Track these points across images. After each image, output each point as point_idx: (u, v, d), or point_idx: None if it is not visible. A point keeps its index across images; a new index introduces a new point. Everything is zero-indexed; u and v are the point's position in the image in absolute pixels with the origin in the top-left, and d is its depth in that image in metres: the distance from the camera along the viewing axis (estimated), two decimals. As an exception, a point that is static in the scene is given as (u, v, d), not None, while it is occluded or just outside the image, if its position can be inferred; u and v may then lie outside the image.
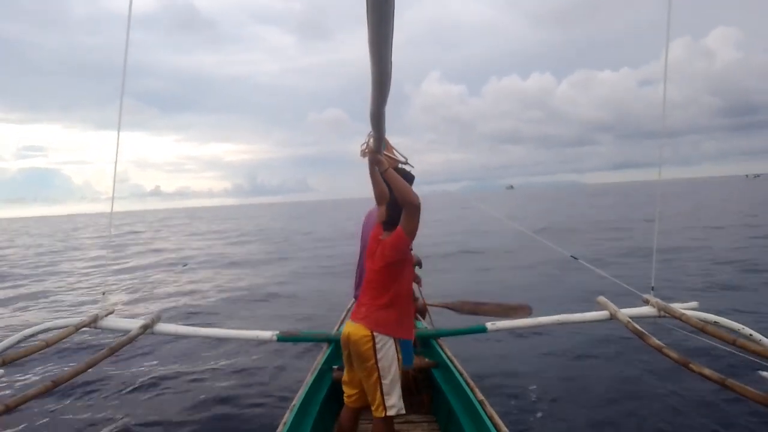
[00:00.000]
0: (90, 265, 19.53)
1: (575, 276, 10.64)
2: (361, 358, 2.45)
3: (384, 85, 1.48)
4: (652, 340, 2.53)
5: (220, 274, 15.58)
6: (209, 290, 12.49)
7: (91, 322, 3.01)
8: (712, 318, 2.69)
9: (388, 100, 1.70)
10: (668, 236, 16.71)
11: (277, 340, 3.39)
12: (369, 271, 2.59)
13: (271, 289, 12.28)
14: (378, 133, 2.17)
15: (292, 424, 2.88)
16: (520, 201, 61.30)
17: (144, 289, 12.79)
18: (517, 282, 11.75)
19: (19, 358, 2.42)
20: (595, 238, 18.87)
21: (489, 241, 20.38)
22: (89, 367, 2.50)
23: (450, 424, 3.29)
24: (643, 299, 3.12)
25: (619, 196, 66.08)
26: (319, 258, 17.91)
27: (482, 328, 3.55)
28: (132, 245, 29.32)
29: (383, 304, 2.47)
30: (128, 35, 2.71)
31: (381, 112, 1.83)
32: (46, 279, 16.21)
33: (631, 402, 4.83)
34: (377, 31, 1.14)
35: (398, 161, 2.93)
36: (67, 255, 25.69)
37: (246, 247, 25.33)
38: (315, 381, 3.50)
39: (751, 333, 2.43)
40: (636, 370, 5.55)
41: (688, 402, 4.70)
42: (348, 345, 2.51)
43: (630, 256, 13.59)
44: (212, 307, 10.46)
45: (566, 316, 3.37)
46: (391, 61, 1.35)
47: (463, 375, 3.47)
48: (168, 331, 3.35)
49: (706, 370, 2.12)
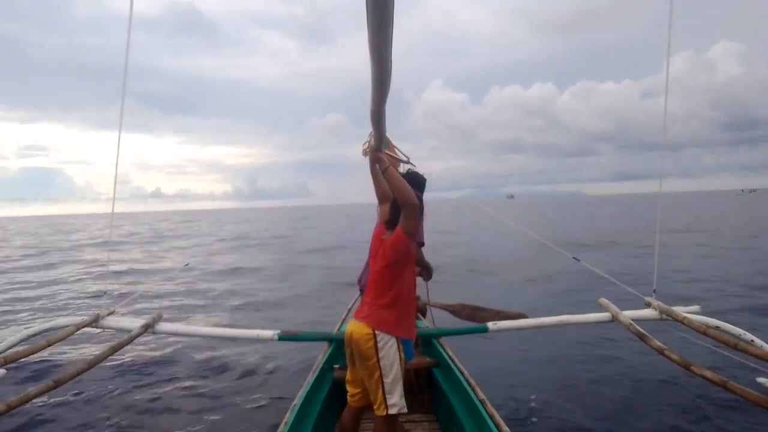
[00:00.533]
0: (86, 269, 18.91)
1: (575, 277, 10.66)
2: (363, 356, 2.46)
3: (384, 84, 1.48)
4: (653, 342, 2.53)
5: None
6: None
7: (92, 321, 3.01)
8: (714, 322, 2.69)
9: (387, 99, 1.70)
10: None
11: (278, 339, 3.39)
12: (372, 270, 2.61)
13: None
14: (378, 132, 2.18)
15: (294, 423, 2.88)
16: (536, 211, 55.06)
17: (143, 290, 12.79)
18: (519, 282, 11.76)
19: (20, 358, 2.42)
20: (643, 251, 16.20)
21: (494, 248, 20.17)
22: (90, 367, 2.50)
23: (450, 423, 3.30)
24: (645, 302, 3.11)
25: (627, 207, 63.16)
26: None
27: (483, 328, 3.55)
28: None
29: (385, 303, 2.49)
30: (129, 37, 2.71)
31: (381, 111, 1.84)
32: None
33: (632, 403, 4.83)
34: (377, 30, 1.14)
35: (400, 161, 2.93)
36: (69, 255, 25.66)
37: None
38: (316, 380, 3.51)
39: (753, 339, 2.43)
40: (637, 371, 5.55)
41: (689, 404, 4.70)
42: (351, 343, 2.53)
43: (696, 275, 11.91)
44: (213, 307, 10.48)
45: (568, 317, 3.37)
46: (391, 60, 1.35)
47: (464, 374, 3.47)
48: (169, 331, 3.35)
49: (708, 372, 2.11)
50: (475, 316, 3.94)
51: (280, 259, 19.81)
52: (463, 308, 4.02)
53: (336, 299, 9.48)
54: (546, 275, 12.38)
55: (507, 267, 14.86)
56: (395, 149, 2.93)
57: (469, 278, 13.18)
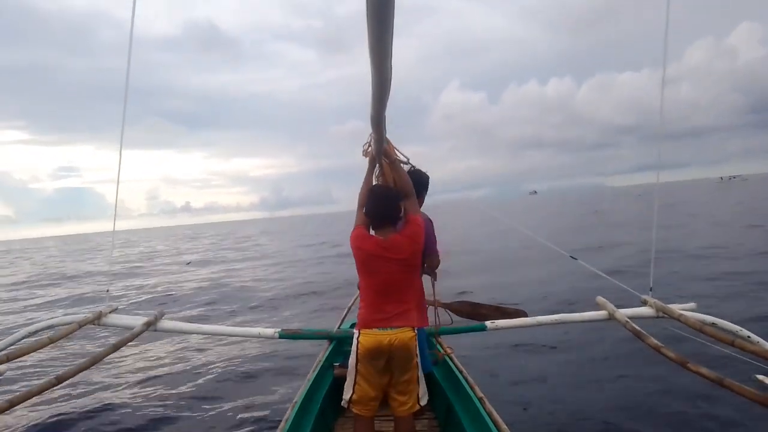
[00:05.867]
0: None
1: (576, 277, 10.65)
2: (407, 359, 2.43)
3: (384, 89, 1.51)
4: (650, 340, 2.54)
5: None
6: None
7: (95, 319, 3.03)
8: (711, 319, 2.70)
9: (387, 103, 1.72)
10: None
11: (279, 337, 3.41)
12: (387, 272, 2.44)
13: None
14: (378, 134, 2.22)
15: (294, 420, 2.91)
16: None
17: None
18: (520, 282, 11.76)
19: (22, 355, 2.44)
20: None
21: (499, 247, 19.92)
22: (93, 364, 2.52)
23: (449, 420, 3.32)
24: (642, 300, 3.13)
25: (675, 197, 58.03)
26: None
27: (482, 327, 3.57)
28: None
29: (411, 299, 2.51)
30: (130, 55, 2.73)
31: (381, 115, 1.87)
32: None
33: (628, 401, 4.85)
34: (377, 38, 1.16)
35: (400, 161, 2.96)
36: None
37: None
38: (316, 378, 3.53)
39: (749, 335, 2.44)
40: (634, 369, 5.57)
41: (685, 401, 4.72)
42: (389, 352, 2.39)
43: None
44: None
45: (565, 316, 3.38)
46: (391, 67, 1.37)
47: (463, 372, 3.49)
48: (171, 328, 3.37)
49: (704, 369, 2.13)
50: (474, 314, 3.96)
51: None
52: (462, 306, 4.03)
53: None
54: (545, 274, 12.38)
55: (507, 265, 14.87)
56: (395, 150, 2.96)
57: (469, 277, 13.18)
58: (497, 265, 15.40)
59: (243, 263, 23.19)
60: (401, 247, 2.42)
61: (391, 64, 1.34)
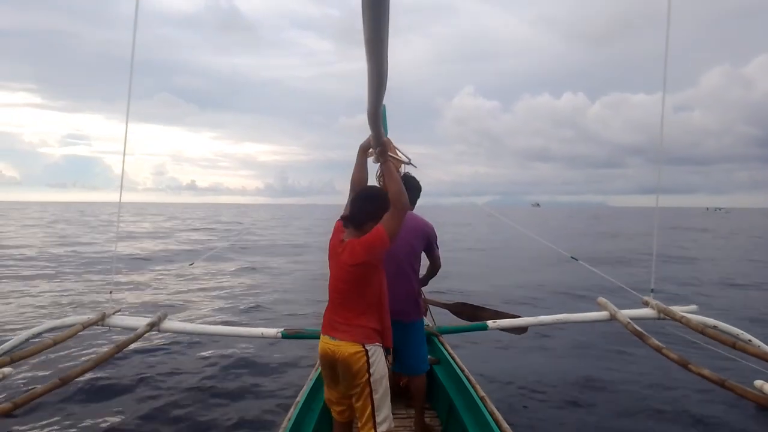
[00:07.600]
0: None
1: (575, 277, 10.65)
2: (353, 375, 2.20)
3: (381, 84, 1.49)
4: (651, 341, 2.55)
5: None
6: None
7: (99, 320, 3.05)
8: (712, 322, 2.70)
9: (384, 99, 1.71)
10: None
11: (282, 337, 3.42)
12: (334, 277, 2.31)
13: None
14: (375, 131, 2.19)
15: (297, 419, 2.93)
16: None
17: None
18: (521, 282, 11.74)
19: (26, 356, 2.46)
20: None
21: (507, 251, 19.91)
22: (96, 365, 2.54)
23: (451, 419, 3.33)
24: (643, 301, 3.13)
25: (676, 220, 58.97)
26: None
27: (483, 326, 3.58)
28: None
29: (362, 312, 2.24)
30: (135, 32, 2.74)
31: (378, 111, 1.86)
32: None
33: (630, 401, 4.85)
34: (373, 32, 1.15)
35: (401, 161, 2.94)
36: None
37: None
38: (319, 377, 3.55)
39: (750, 338, 2.45)
40: (635, 370, 5.57)
41: (685, 402, 4.72)
42: (333, 363, 2.24)
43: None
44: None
45: (567, 316, 3.39)
46: (387, 61, 1.36)
47: (464, 372, 3.50)
48: (175, 329, 3.39)
49: (706, 370, 2.13)
50: (474, 316, 3.96)
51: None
52: (463, 307, 4.04)
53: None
54: (546, 275, 12.39)
55: (510, 269, 14.87)
56: (396, 150, 2.94)
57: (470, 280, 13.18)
58: (501, 267, 15.39)
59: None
60: (354, 254, 2.19)
61: (387, 57, 1.32)
